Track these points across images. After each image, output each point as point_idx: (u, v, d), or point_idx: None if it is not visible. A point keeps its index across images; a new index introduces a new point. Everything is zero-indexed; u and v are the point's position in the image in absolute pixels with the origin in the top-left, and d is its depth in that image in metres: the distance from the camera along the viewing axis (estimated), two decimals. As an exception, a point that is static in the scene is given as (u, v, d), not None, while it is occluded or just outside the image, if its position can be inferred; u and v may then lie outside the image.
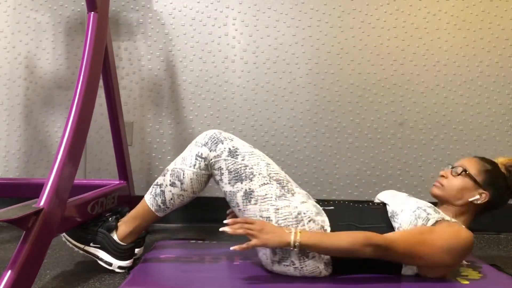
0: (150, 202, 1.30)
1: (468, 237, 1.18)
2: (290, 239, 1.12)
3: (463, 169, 1.29)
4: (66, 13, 2.02)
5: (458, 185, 1.28)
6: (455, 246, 1.16)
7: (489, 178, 1.28)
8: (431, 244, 1.15)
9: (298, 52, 2.01)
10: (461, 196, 1.28)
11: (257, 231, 1.13)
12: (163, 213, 1.31)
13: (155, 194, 1.30)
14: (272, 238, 1.13)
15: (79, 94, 1.27)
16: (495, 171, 1.30)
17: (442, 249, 1.15)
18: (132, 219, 1.32)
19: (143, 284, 1.19)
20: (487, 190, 1.27)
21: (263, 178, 1.21)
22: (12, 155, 2.03)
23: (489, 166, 1.30)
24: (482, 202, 1.27)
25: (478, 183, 1.27)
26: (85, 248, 1.32)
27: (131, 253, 1.34)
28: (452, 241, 1.16)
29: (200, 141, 1.28)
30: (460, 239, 1.17)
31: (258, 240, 1.12)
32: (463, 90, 2.01)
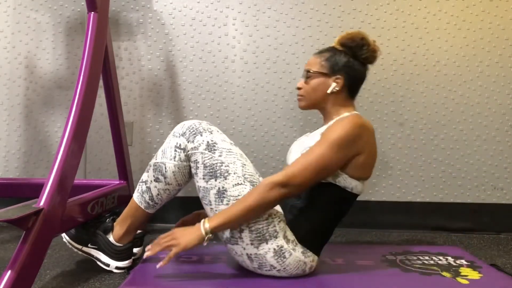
0: (139, 200, 1.30)
1: (349, 119, 1.18)
2: (200, 230, 1.14)
3: (307, 71, 1.32)
4: (66, 13, 2.03)
5: (312, 86, 1.31)
6: (337, 133, 1.16)
7: (331, 63, 1.30)
8: (318, 148, 1.16)
9: (298, 52, 2.01)
10: (321, 94, 1.30)
11: (171, 240, 1.16)
12: (153, 209, 1.31)
13: (142, 192, 1.29)
14: (186, 239, 1.14)
15: (79, 94, 1.27)
16: (334, 54, 1.31)
17: (328, 144, 1.16)
18: (124, 219, 1.32)
19: (143, 284, 1.19)
20: (336, 74, 1.29)
21: (238, 178, 1.19)
22: (12, 155, 2.03)
23: (326, 53, 1.32)
24: (341, 85, 1.29)
25: (325, 73, 1.30)
26: (83, 249, 1.32)
27: (129, 253, 1.34)
28: (332, 132, 1.17)
29: (178, 131, 1.26)
30: (342, 125, 1.17)
31: (176, 247, 1.14)
32: (463, 90, 2.01)
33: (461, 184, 2.00)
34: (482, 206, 1.99)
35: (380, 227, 1.99)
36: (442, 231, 1.97)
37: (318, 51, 1.35)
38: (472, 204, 1.99)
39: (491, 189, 2.00)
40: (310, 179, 1.16)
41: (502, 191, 2.00)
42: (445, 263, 1.42)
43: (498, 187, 2.00)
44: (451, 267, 1.38)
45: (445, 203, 2.00)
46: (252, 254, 1.19)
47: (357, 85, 1.33)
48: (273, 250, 1.18)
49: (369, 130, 1.22)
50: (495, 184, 2.00)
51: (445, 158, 2.01)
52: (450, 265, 1.40)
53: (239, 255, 1.23)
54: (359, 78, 1.32)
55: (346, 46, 1.31)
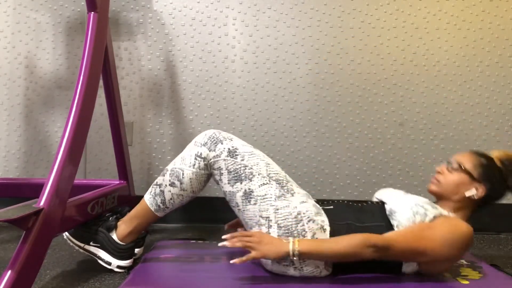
0: (150, 202, 1.30)
1: (467, 230, 1.18)
2: (288, 248, 1.12)
3: (458, 164, 1.30)
4: (66, 13, 2.02)
5: (454, 180, 1.28)
6: (454, 239, 1.16)
7: (485, 172, 1.27)
8: (430, 239, 1.15)
9: (298, 52, 2.01)
10: (458, 191, 1.28)
11: (256, 243, 1.14)
12: (162, 213, 1.32)
13: (155, 194, 1.30)
14: (271, 249, 1.13)
15: (79, 94, 1.27)
16: (491, 165, 1.29)
17: (441, 242, 1.15)
18: (131, 219, 1.33)
19: (143, 284, 1.19)
20: (483, 184, 1.26)
21: (263, 178, 1.22)
22: (12, 155, 2.03)
23: (484, 160, 1.30)
24: (478, 197, 1.27)
25: (474, 177, 1.27)
26: (85, 247, 1.32)
27: (131, 252, 1.34)
28: (451, 234, 1.16)
29: (200, 141, 1.28)
30: (459, 232, 1.17)
31: (257, 252, 1.13)
32: (463, 90, 2.01)
33: (461, 184, 2.00)
34: (482, 206, 1.99)
35: (380, 227, 1.98)
36: (442, 231, 1.96)
37: (477, 151, 1.33)
38: (472, 204, 1.99)
39: (491, 189, 2.00)
40: (404, 257, 1.18)
41: (502, 191, 2.00)
42: (445, 263, 1.42)
43: (498, 187, 2.00)
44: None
45: (445, 203, 2.00)
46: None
47: (489, 204, 1.31)
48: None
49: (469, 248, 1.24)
50: (495, 184, 2.00)
51: (445, 158, 2.00)
52: (450, 265, 1.40)
53: None
54: (495, 199, 1.30)
55: (505, 166, 1.29)
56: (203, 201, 1.85)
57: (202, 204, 1.88)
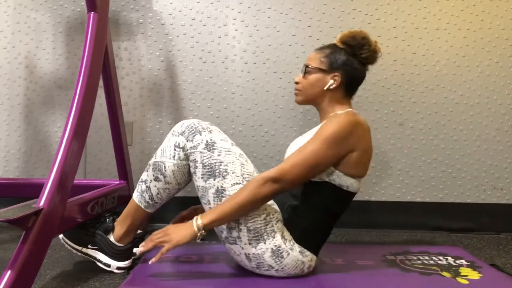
0: (138, 200, 1.30)
1: (342, 116, 1.20)
2: (193, 227, 1.14)
3: (306, 66, 1.32)
4: (66, 13, 2.03)
5: (310, 81, 1.31)
6: (332, 131, 1.17)
7: (331, 60, 1.29)
8: (312, 145, 1.17)
9: (298, 52, 2.01)
10: (318, 90, 1.30)
11: (164, 236, 1.16)
12: (153, 208, 1.31)
13: (142, 191, 1.29)
14: (180, 234, 1.15)
15: (79, 94, 1.27)
16: (334, 51, 1.31)
17: (324, 140, 1.16)
18: (124, 219, 1.32)
19: (143, 284, 1.19)
20: (335, 71, 1.29)
21: (236, 177, 1.19)
22: (12, 155, 2.03)
23: (326, 50, 1.32)
24: (339, 82, 1.29)
25: (324, 70, 1.29)
26: (83, 250, 1.32)
27: (129, 253, 1.34)
28: (329, 128, 1.17)
29: (177, 130, 1.26)
30: (335, 122, 1.18)
31: (168, 243, 1.14)
32: (463, 90, 2.01)
33: (461, 184, 2.00)
34: (482, 206, 1.99)
35: (380, 227, 1.99)
36: (442, 231, 1.97)
37: (319, 47, 1.35)
38: (472, 204, 1.99)
39: (491, 189, 2.00)
40: (302, 175, 1.16)
41: (502, 191, 2.00)
42: (445, 263, 1.43)
43: (498, 187, 2.00)
44: (451, 267, 1.38)
45: (445, 203, 2.00)
46: (250, 253, 1.20)
47: (355, 84, 1.33)
48: (271, 250, 1.18)
49: (363, 127, 1.23)
50: (495, 184, 2.00)
51: (445, 158, 2.01)
52: (450, 265, 1.40)
53: (237, 255, 1.23)
54: (357, 77, 1.32)
55: (347, 44, 1.30)
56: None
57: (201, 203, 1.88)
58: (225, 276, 1.26)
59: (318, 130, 1.22)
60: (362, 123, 1.23)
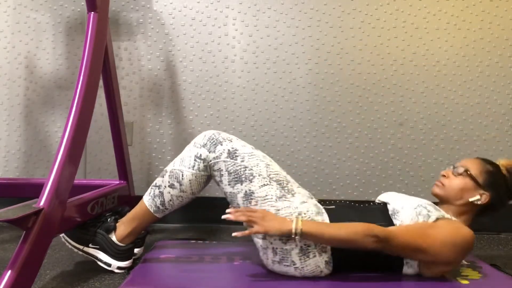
0: (149, 204, 1.30)
1: (468, 235, 1.19)
2: (291, 226, 1.12)
3: (464, 169, 1.29)
4: (66, 13, 2.02)
5: (459, 185, 1.28)
6: (455, 242, 1.16)
7: (490, 179, 1.27)
8: (431, 238, 1.15)
9: (298, 52, 2.01)
10: (462, 196, 1.28)
11: (259, 218, 1.14)
12: (161, 214, 1.31)
13: (154, 196, 1.30)
14: (274, 226, 1.13)
15: (79, 94, 1.27)
16: (496, 173, 1.29)
17: (442, 243, 1.15)
18: (130, 220, 1.32)
19: (143, 284, 1.19)
20: (487, 191, 1.26)
21: (263, 179, 1.21)
22: (12, 155, 2.03)
23: (490, 167, 1.30)
24: (482, 203, 1.27)
25: (479, 183, 1.27)
26: (84, 249, 1.32)
27: (130, 253, 1.33)
28: (453, 237, 1.17)
29: (199, 142, 1.27)
30: (461, 235, 1.17)
31: (259, 227, 1.12)
32: (463, 90, 2.01)
33: (461, 184, 2.00)
34: (482, 206, 1.99)
35: (380, 227, 1.98)
36: (442, 231, 1.96)
37: (483, 158, 1.33)
38: (472, 204, 1.99)
39: (491, 189, 2.00)
40: (403, 251, 1.17)
41: (502, 191, 2.00)
42: (445, 263, 1.42)
43: (498, 187, 2.00)
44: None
45: (445, 203, 2.00)
46: (278, 248, 1.19)
47: (492, 211, 1.31)
48: (300, 247, 1.18)
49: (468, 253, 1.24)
50: (495, 184, 2.00)
51: (445, 158, 2.01)
52: (450, 265, 1.40)
53: (263, 247, 1.23)
54: (498, 207, 1.30)
55: (510, 174, 1.29)
56: (203, 201, 1.85)
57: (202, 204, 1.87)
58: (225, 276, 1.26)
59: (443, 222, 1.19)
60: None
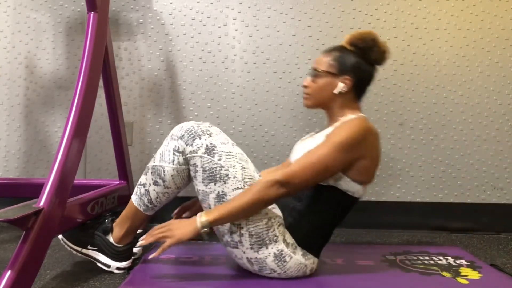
0: (137, 203, 1.29)
1: (354, 122, 1.18)
2: (196, 224, 1.13)
3: (314, 69, 1.30)
4: (66, 13, 2.02)
5: (320, 85, 1.29)
6: (346, 137, 1.15)
7: (340, 62, 1.27)
8: (321, 149, 1.15)
9: (298, 52, 2.01)
10: (328, 94, 1.28)
11: (167, 231, 1.15)
12: (152, 211, 1.30)
13: (141, 194, 1.29)
14: (183, 231, 1.14)
15: (79, 94, 1.27)
16: (343, 53, 1.28)
17: (334, 145, 1.15)
18: (123, 220, 1.32)
19: (143, 284, 1.19)
20: (345, 74, 1.26)
21: (237, 182, 1.18)
22: (12, 155, 2.03)
23: (335, 52, 1.29)
24: (349, 86, 1.27)
25: (333, 73, 1.27)
26: (83, 251, 1.32)
27: (129, 253, 1.34)
28: (340, 134, 1.16)
29: (176, 133, 1.24)
30: (347, 129, 1.17)
31: (170, 239, 1.13)
32: (463, 90, 2.01)
33: (461, 184, 2.00)
34: (482, 206, 1.99)
35: (380, 227, 1.98)
36: (442, 231, 1.97)
37: (327, 49, 1.33)
38: (472, 204, 1.99)
39: (491, 189, 2.00)
40: (310, 179, 1.15)
41: (502, 191, 2.00)
42: (445, 263, 1.43)
43: (498, 187, 2.00)
44: (451, 267, 1.38)
45: (445, 203, 2.00)
46: (252, 258, 1.19)
47: (365, 86, 1.31)
48: (273, 254, 1.18)
49: (374, 134, 1.21)
50: (495, 184, 2.00)
51: (445, 158, 2.01)
52: (450, 265, 1.40)
53: (239, 258, 1.23)
54: (367, 80, 1.30)
55: (355, 46, 1.28)
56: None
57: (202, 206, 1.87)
58: (225, 276, 1.26)
59: (329, 134, 1.20)
60: (374, 130, 1.21)
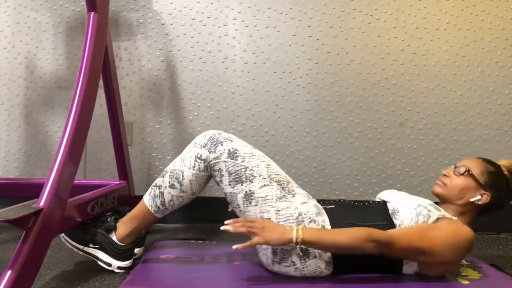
0: (149, 204, 1.30)
1: (469, 234, 1.19)
2: (292, 235, 1.11)
3: (466, 169, 1.29)
4: (66, 13, 2.02)
5: (460, 184, 1.28)
6: (456, 242, 1.17)
7: (492, 179, 1.28)
8: (432, 240, 1.15)
9: (298, 52, 2.01)
10: (463, 196, 1.28)
11: (259, 229, 1.13)
12: (162, 214, 1.31)
13: (154, 196, 1.29)
14: (274, 236, 1.12)
15: (79, 94, 1.27)
16: (498, 173, 1.29)
17: (443, 244, 1.16)
18: (131, 220, 1.32)
19: (143, 284, 1.19)
20: (488, 192, 1.26)
21: (264, 179, 1.21)
22: (12, 155, 2.03)
23: (492, 167, 1.30)
24: (483, 203, 1.27)
25: (480, 183, 1.27)
26: (85, 249, 1.32)
27: (131, 253, 1.34)
28: (453, 237, 1.17)
29: (199, 142, 1.27)
30: (462, 236, 1.17)
31: (259, 237, 1.11)
32: (463, 90, 2.01)
33: (461, 184, 2.00)
34: (482, 206, 1.99)
35: (380, 227, 1.98)
36: (442, 231, 1.96)
37: (485, 159, 1.33)
38: (472, 204, 1.99)
39: (491, 189, 2.00)
40: (405, 254, 1.17)
41: (502, 191, 2.00)
42: (445, 263, 1.42)
43: (498, 187, 2.00)
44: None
45: (445, 203, 2.00)
46: (278, 248, 1.19)
47: (492, 211, 1.31)
48: (301, 248, 1.17)
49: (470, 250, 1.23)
50: (495, 184, 2.00)
51: (445, 158, 2.01)
52: (450, 265, 1.40)
53: (263, 248, 1.23)
54: (499, 207, 1.30)
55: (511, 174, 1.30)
56: (203, 201, 1.85)
57: (202, 204, 1.87)
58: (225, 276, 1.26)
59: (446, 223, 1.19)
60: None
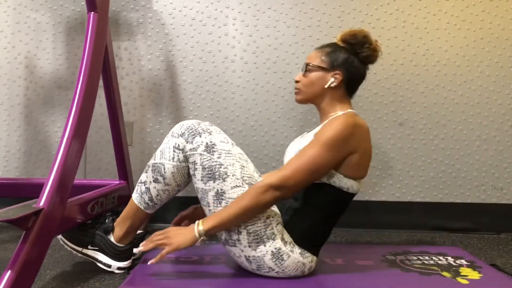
0: (138, 201, 1.30)
1: (341, 119, 1.19)
2: (194, 232, 1.14)
3: (306, 64, 1.32)
4: (66, 13, 2.02)
5: (311, 80, 1.31)
6: (332, 134, 1.16)
7: (332, 58, 1.29)
8: (312, 149, 1.16)
9: (298, 52, 2.01)
10: (319, 88, 1.30)
11: (166, 239, 1.16)
12: (152, 209, 1.31)
13: (141, 192, 1.29)
14: (180, 239, 1.15)
15: (79, 94, 1.27)
16: (335, 49, 1.31)
17: (323, 144, 1.16)
18: (124, 219, 1.32)
19: (143, 284, 1.19)
20: (336, 69, 1.28)
21: (236, 180, 1.18)
22: (12, 155, 2.03)
23: (327, 48, 1.32)
24: (340, 81, 1.28)
25: (324, 68, 1.29)
26: (83, 251, 1.32)
27: (129, 253, 1.34)
28: (327, 133, 1.17)
29: (177, 131, 1.25)
30: (335, 126, 1.17)
31: (169, 246, 1.14)
32: (463, 90, 2.01)
33: (461, 184, 2.00)
34: (482, 206, 1.99)
35: (380, 227, 1.99)
36: (442, 231, 1.97)
37: (320, 46, 1.35)
38: (472, 204, 1.99)
39: (491, 189, 2.00)
40: (303, 180, 1.16)
41: (502, 191, 2.00)
42: (445, 263, 1.43)
43: (498, 187, 2.00)
44: (451, 267, 1.38)
45: (445, 203, 2.00)
46: (250, 256, 1.19)
47: (356, 83, 1.32)
48: (271, 252, 1.18)
49: (362, 128, 1.22)
50: (495, 184, 2.00)
51: (445, 158, 2.01)
52: (450, 265, 1.40)
53: (237, 257, 1.23)
54: (358, 76, 1.31)
55: (347, 43, 1.30)
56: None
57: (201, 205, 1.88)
58: (225, 276, 1.26)
59: (317, 132, 1.21)
60: (362, 124, 1.22)
